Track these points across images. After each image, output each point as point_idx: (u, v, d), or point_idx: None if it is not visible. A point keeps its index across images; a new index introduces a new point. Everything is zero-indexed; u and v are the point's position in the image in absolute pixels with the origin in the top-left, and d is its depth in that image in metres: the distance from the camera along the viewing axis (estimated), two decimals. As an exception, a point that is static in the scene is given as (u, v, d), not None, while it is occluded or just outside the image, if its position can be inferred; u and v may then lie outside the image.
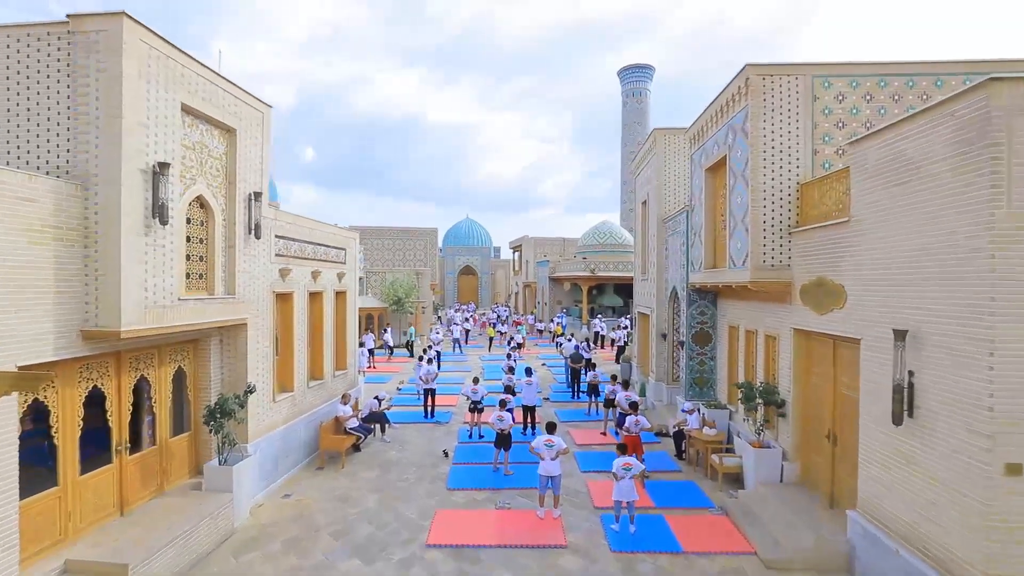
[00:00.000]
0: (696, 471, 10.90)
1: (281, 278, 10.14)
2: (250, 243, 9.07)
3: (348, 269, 13.54)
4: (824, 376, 8.44)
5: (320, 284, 11.87)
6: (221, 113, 8.26)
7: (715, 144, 11.26)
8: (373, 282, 30.39)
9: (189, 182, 7.75)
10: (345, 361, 13.53)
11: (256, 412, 9.31)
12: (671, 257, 14.88)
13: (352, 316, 14.03)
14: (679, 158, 15.68)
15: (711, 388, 13.15)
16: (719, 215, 11.71)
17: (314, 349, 12.02)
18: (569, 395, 17.69)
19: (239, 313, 8.76)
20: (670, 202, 15.71)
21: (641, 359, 18.73)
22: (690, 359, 13.22)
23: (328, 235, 12.29)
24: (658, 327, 15.72)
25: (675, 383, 15.26)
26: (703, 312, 13.15)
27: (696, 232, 12.62)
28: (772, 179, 9.18)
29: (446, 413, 15.31)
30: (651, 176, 16.55)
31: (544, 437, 8.78)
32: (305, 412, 11.20)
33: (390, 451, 12.11)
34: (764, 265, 9.15)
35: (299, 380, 10.95)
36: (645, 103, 58.78)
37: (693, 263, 12.87)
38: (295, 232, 10.70)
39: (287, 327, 10.65)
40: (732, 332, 12.13)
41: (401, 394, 17.98)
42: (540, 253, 46.65)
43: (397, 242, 39.23)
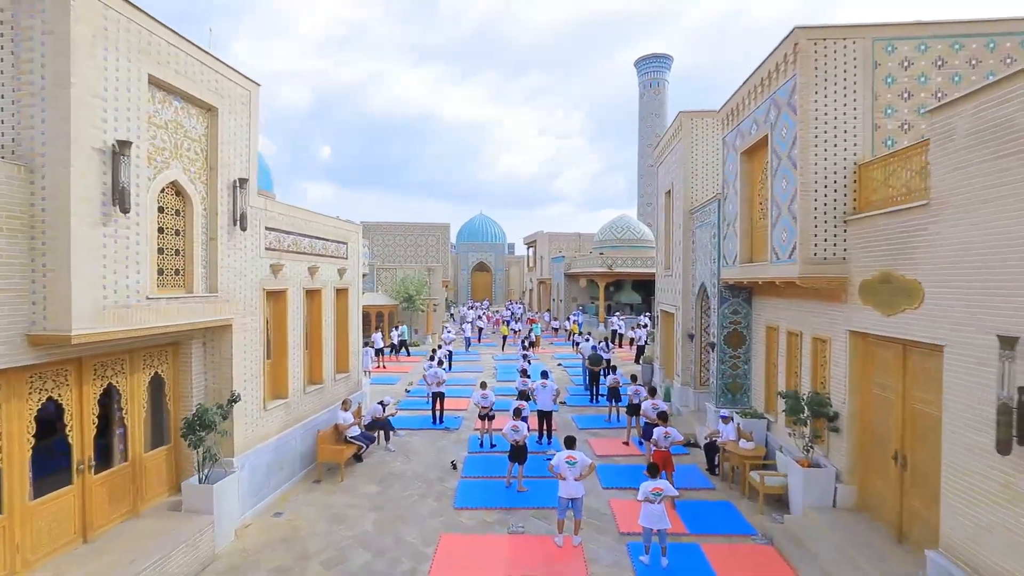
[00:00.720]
0: (732, 489, 9.77)
1: (272, 274, 9.24)
2: (235, 235, 8.18)
3: (350, 265, 12.63)
4: (890, 387, 7.25)
5: (318, 281, 10.98)
6: (199, 89, 7.35)
7: (753, 123, 10.06)
8: (384, 279, 29.62)
9: (160, 165, 6.86)
10: (347, 363, 12.64)
11: (244, 422, 8.44)
12: (699, 251, 13.69)
13: (355, 315, 13.14)
14: (708, 143, 14.46)
15: (745, 395, 11.97)
16: (757, 203, 10.53)
17: (312, 351, 11.14)
18: (587, 399, 16.61)
19: (223, 313, 7.87)
20: (698, 191, 14.51)
21: (664, 360, 17.56)
22: (721, 362, 12.05)
23: (327, 228, 11.38)
24: (684, 327, 14.55)
25: (703, 388, 14.09)
26: (736, 311, 11.97)
27: (729, 223, 11.43)
28: (825, 159, 7.98)
29: (456, 418, 14.35)
30: (676, 163, 15.35)
31: (564, 453, 7.74)
32: (302, 420, 10.32)
33: (394, 462, 11.19)
34: (815, 258, 7.97)
35: (294, 385, 10.07)
36: (663, 94, 57.08)
37: (726, 257, 11.69)
38: (288, 224, 9.79)
39: (280, 328, 9.77)
40: (770, 333, 10.94)
41: (410, 396, 17.09)
42: (555, 249, 45.49)
43: (408, 238, 38.42)
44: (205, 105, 7.59)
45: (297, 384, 10.19)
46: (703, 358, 14.10)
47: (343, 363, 12.54)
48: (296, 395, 10.15)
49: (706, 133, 14.47)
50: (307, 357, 10.91)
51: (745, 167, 10.72)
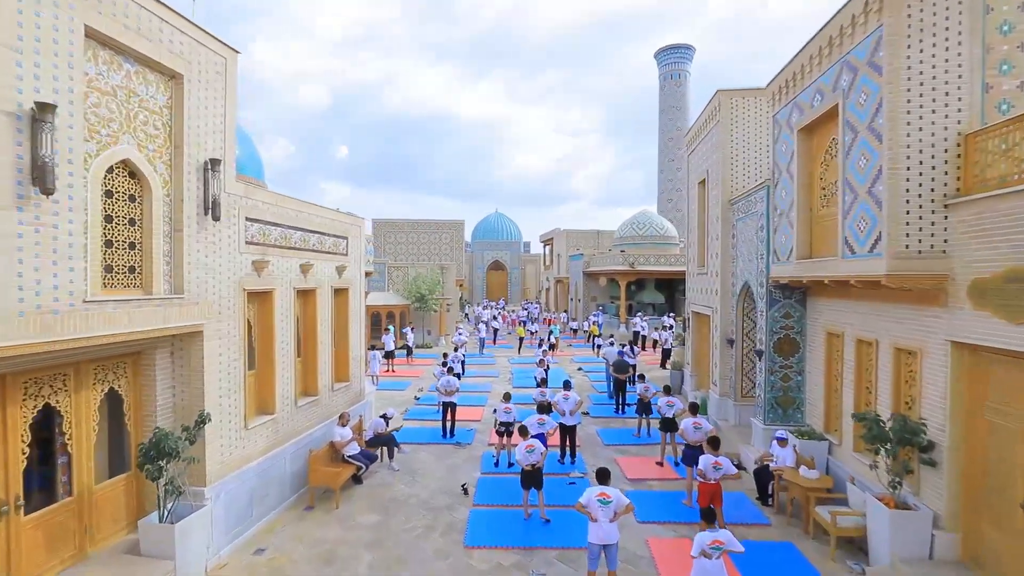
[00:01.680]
0: (791, 525, 8.28)
1: (256, 272, 8.02)
2: (207, 227, 6.96)
3: (351, 261, 11.40)
4: (1015, 415, 5.71)
5: (313, 279, 9.75)
6: (158, 51, 6.13)
7: (816, 94, 8.53)
8: (395, 278, 28.51)
9: (106, 140, 5.65)
10: (347, 371, 11.40)
11: (219, 445, 7.23)
12: (741, 246, 12.15)
13: (357, 317, 11.91)
14: (751, 124, 12.90)
15: (798, 410, 10.43)
16: (818, 188, 8.99)
17: (306, 359, 9.92)
18: (613, 409, 15.16)
19: (190, 317, 6.66)
20: (738, 179, 12.96)
21: (696, 367, 16.02)
22: (770, 373, 10.53)
23: (323, 220, 10.14)
24: (723, 331, 13.02)
25: (745, 400, 12.55)
26: (788, 314, 10.43)
27: (782, 213, 9.90)
28: (920, 130, 6.45)
29: (468, 431, 13.04)
30: (712, 149, 13.80)
31: (596, 490, 6.35)
32: (293, 437, 9.11)
33: (398, 484, 9.92)
34: (907, 252, 6.45)
35: (283, 398, 8.86)
36: (684, 86, 55.09)
37: (776, 252, 10.16)
38: (276, 215, 8.57)
39: (267, 333, 8.55)
40: (832, 341, 9.40)
41: (419, 404, 15.84)
42: (572, 247, 43.98)
43: (422, 235, 37.30)
44: (167, 71, 6.38)
45: (287, 397, 8.98)
46: (745, 367, 12.56)
47: (343, 371, 11.31)
48: (286, 409, 8.93)
49: (748, 113, 12.90)
50: (299, 366, 9.69)
51: (803, 147, 9.18)
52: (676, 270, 30.57)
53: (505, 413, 10.64)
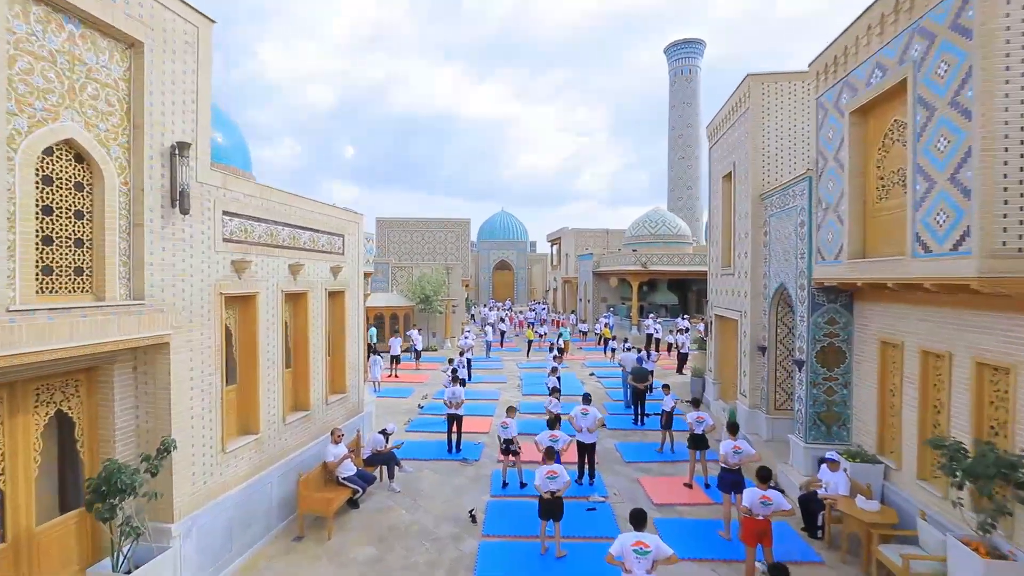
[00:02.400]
0: (847, 563, 7.20)
1: (236, 274, 7.06)
2: (174, 222, 5.99)
3: (348, 261, 10.42)
4: None
5: (304, 281, 8.78)
6: (110, 12, 5.16)
7: (874, 69, 7.45)
8: (399, 278, 27.57)
9: (42, 115, 4.68)
10: (344, 382, 10.42)
11: (189, 474, 6.26)
12: (776, 244, 11.07)
13: (355, 321, 10.93)
14: (786, 111, 11.80)
15: (843, 428, 9.34)
16: (874, 177, 7.91)
17: (296, 370, 8.95)
18: (631, 420, 14.09)
19: (153, 327, 5.69)
20: (771, 172, 11.87)
21: (721, 375, 14.94)
22: (813, 385, 9.44)
23: (316, 216, 9.17)
24: (753, 337, 11.94)
25: (779, 413, 11.47)
26: (832, 320, 9.34)
27: (828, 206, 8.82)
28: (1021, 103, 5.37)
29: (476, 446, 12.03)
30: (740, 140, 12.71)
31: (631, 538, 5.31)
32: (280, 459, 8.13)
33: (398, 508, 8.92)
34: (1005, 249, 5.37)
35: (269, 415, 7.88)
36: (695, 81, 53.80)
37: (821, 251, 9.08)
38: (260, 209, 7.59)
39: (249, 343, 7.58)
40: (887, 352, 8.31)
41: (422, 413, 14.84)
42: (581, 246, 42.91)
43: (426, 235, 36.33)
44: (124, 38, 5.41)
45: (273, 413, 8.00)
46: (779, 376, 11.48)
47: (338, 382, 10.34)
48: (272, 428, 7.96)
49: (781, 100, 11.81)
50: (288, 378, 8.73)
51: (857, 131, 8.09)
52: (690, 270, 29.46)
53: (503, 429, 9.61)
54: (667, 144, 55.49)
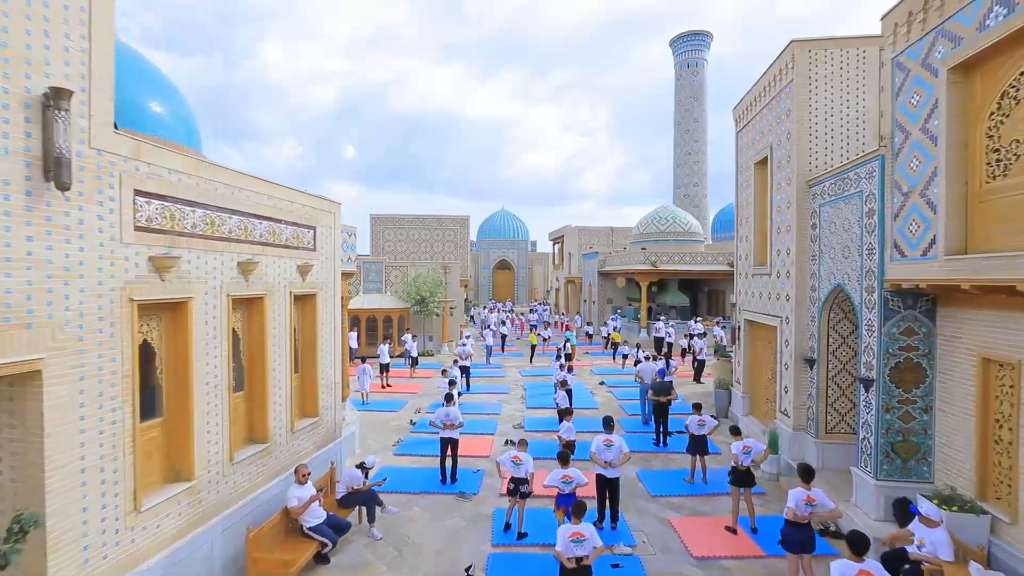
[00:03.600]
0: (960, 654, 5.49)
1: (157, 273, 5.35)
2: (49, 201, 4.28)
3: (321, 258, 8.72)
4: None
5: (260, 283, 7.07)
6: None
7: (990, 11, 5.73)
8: (393, 278, 25.87)
9: None
10: (316, 404, 8.70)
11: (78, 549, 4.55)
12: (829, 238, 9.35)
13: (330, 330, 9.22)
14: (837, 84, 10.09)
15: (923, 463, 7.63)
16: (984, 151, 6.19)
17: (251, 393, 7.24)
18: (651, 441, 12.37)
19: (10, 350, 3.98)
20: (820, 154, 10.15)
21: (750, 387, 13.24)
22: (885, 410, 7.74)
23: (278, 203, 7.46)
24: (797, 347, 10.23)
25: (831, 437, 9.76)
26: (910, 330, 7.63)
27: (912, 190, 7.11)
28: None
29: (474, 474, 10.31)
30: (780, 118, 11.00)
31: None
32: (226, 509, 6.43)
33: (377, 564, 7.20)
34: None
35: (209, 454, 6.17)
36: (702, 75, 52.08)
37: (900, 245, 7.36)
38: (195, 191, 5.88)
39: (179, 363, 5.87)
40: (990, 370, 6.60)
41: (414, 432, 13.12)
42: (585, 245, 41.19)
43: (423, 232, 34.60)
44: (-42, -72, 3.69)
45: (216, 451, 6.29)
46: (831, 394, 9.77)
47: (309, 404, 8.63)
48: (214, 470, 6.25)
49: (833, 70, 10.09)
50: (240, 404, 7.02)
51: (957, 92, 6.38)
52: (703, 269, 27.76)
53: (515, 465, 7.84)
54: (672, 140, 53.78)
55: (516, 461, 7.79)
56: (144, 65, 7.69)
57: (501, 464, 7.78)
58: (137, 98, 7.09)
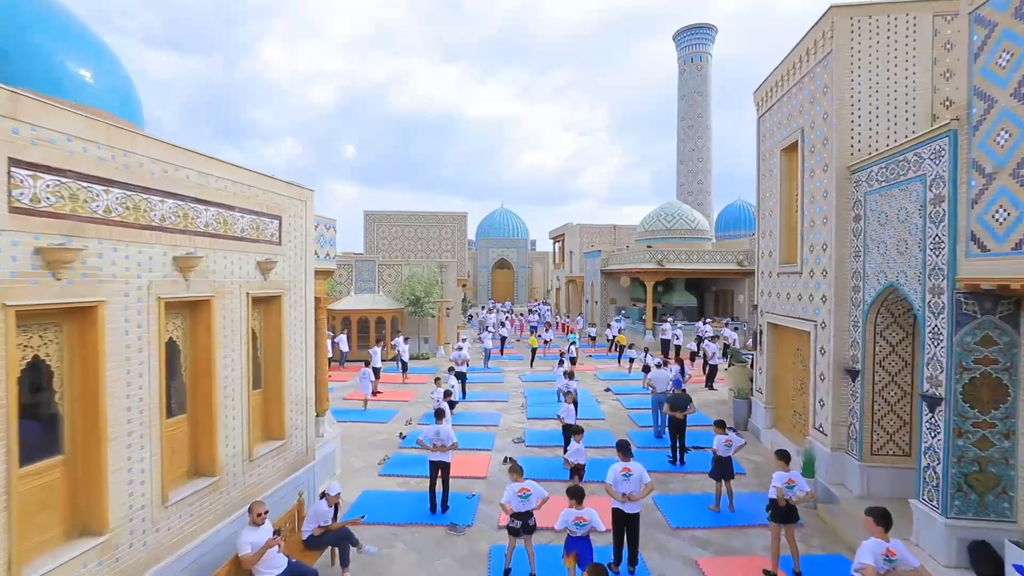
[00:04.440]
0: None
1: (48, 270, 4.09)
2: None
3: (288, 254, 7.46)
4: None
5: (204, 283, 5.81)
6: None
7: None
8: (387, 277, 24.60)
9: None
10: (282, 424, 7.42)
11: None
12: (878, 230, 8.10)
13: (300, 336, 7.95)
14: (883, 57, 8.84)
15: (1004, 498, 6.39)
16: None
17: (195, 416, 5.98)
18: (666, 459, 11.10)
19: None
20: (863, 135, 8.91)
21: (775, 398, 12.00)
22: (956, 434, 6.49)
23: (229, 185, 6.18)
24: (837, 355, 8.99)
25: (878, 459, 8.52)
26: (988, 339, 6.39)
27: (999, 170, 5.85)
28: None
29: (468, 501, 9.05)
30: (817, 96, 9.75)
31: None
32: (158, 562, 5.16)
33: (349, 623, 5.96)
34: None
35: (130, 498, 4.91)
36: (706, 69, 50.84)
37: (981, 238, 6.11)
38: (106, 165, 4.61)
39: (87, 384, 4.60)
40: (1104, 391, 5.36)
41: (402, 448, 11.85)
42: (587, 243, 39.97)
43: (419, 230, 33.30)
44: None
45: (141, 494, 5.03)
46: (878, 410, 8.53)
47: (274, 424, 7.36)
48: (137, 517, 4.98)
49: (879, 41, 8.84)
50: (179, 430, 5.76)
51: (1067, 45, 5.13)
52: (711, 268, 26.52)
53: (520, 498, 6.53)
54: (675, 136, 52.53)
55: (523, 494, 6.50)
56: (68, 22, 6.41)
57: (505, 504, 6.44)
58: (53, 58, 5.82)
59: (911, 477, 8.27)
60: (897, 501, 8.20)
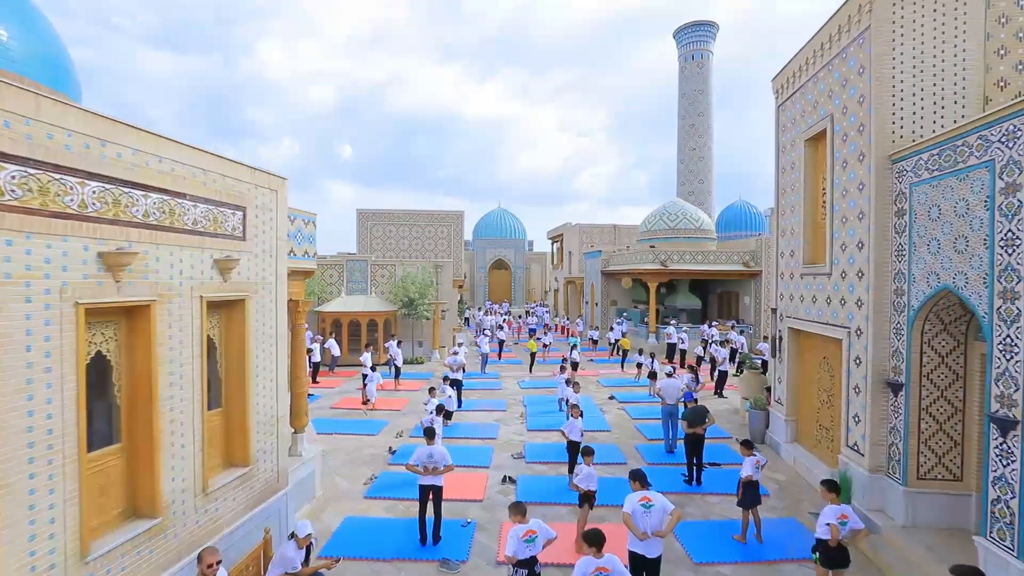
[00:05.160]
0: None
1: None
2: None
3: (255, 251, 6.45)
4: None
5: (142, 284, 4.80)
6: None
7: None
8: (379, 278, 23.59)
9: None
10: (247, 448, 6.37)
11: None
12: (929, 226, 7.15)
13: (269, 346, 6.93)
14: (934, 30, 7.90)
15: (1093, 536, 5.44)
16: None
17: (132, 444, 4.96)
18: (681, 476, 10.12)
19: None
20: (905, 120, 7.96)
21: (797, 409, 11.06)
22: (1035, 463, 5.54)
23: (176, 167, 5.17)
24: (876, 366, 8.04)
25: (925, 484, 7.56)
26: (1072, 352, 5.43)
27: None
28: None
29: (464, 528, 8.05)
30: (849, 78, 8.80)
31: None
32: (72, 632, 4.14)
33: None
34: None
35: (29, 559, 3.88)
36: (707, 67, 50.00)
37: (1070, 232, 5.16)
38: (4, 136, 3.59)
39: (-29, 416, 3.58)
40: None
41: (391, 464, 10.84)
42: (587, 243, 39.02)
43: (415, 229, 32.27)
44: None
45: (52, 548, 4.00)
46: (924, 429, 7.57)
47: (236, 449, 6.33)
48: (46, 579, 3.96)
49: (925, 13, 7.90)
50: (109, 463, 4.74)
51: None
52: (716, 269, 25.61)
53: (525, 544, 5.42)
54: (676, 136, 51.68)
55: (529, 538, 5.47)
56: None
57: (511, 555, 5.38)
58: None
59: (964, 505, 7.36)
60: (947, 532, 7.29)
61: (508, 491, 9.55)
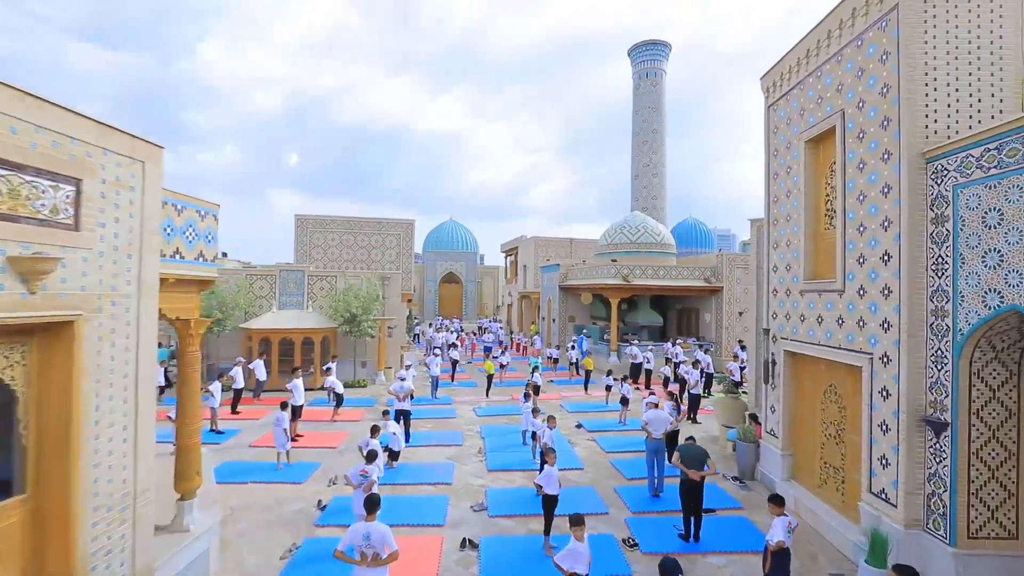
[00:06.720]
0: None
1: None
2: None
3: (92, 247, 4.27)
4: None
5: None
6: None
7: None
8: (317, 291, 21.02)
9: None
10: (72, 551, 4.06)
11: None
12: (982, 236, 5.95)
13: (126, 389, 4.71)
14: (969, 11, 6.87)
15: None
16: None
17: None
18: (675, 529, 8.50)
19: None
20: (940, 112, 6.86)
21: (795, 443, 9.77)
22: None
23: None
24: (910, 400, 6.77)
25: (979, 544, 6.28)
26: None
27: None
28: None
29: (411, 629, 6.00)
30: (867, 67, 7.68)
31: None
32: None
33: None
34: None
35: None
36: (660, 85, 50.68)
37: None
38: None
39: None
40: None
41: (320, 526, 8.58)
42: (542, 257, 37.74)
43: (360, 238, 29.69)
44: None
45: None
46: (976, 477, 6.32)
47: (53, 556, 4.02)
48: None
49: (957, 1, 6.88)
50: None
51: None
52: (679, 285, 24.80)
53: None
54: (630, 151, 51.87)
55: None
56: None
57: None
58: None
59: (1021, 570, 6.10)
60: (1007, 604, 6.00)
61: (469, 560, 7.57)
